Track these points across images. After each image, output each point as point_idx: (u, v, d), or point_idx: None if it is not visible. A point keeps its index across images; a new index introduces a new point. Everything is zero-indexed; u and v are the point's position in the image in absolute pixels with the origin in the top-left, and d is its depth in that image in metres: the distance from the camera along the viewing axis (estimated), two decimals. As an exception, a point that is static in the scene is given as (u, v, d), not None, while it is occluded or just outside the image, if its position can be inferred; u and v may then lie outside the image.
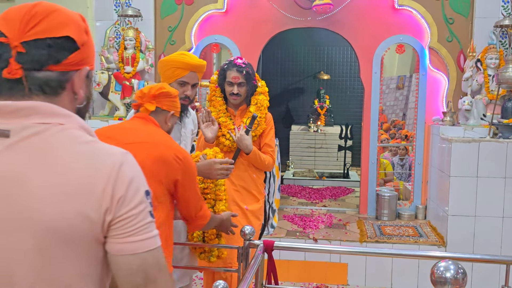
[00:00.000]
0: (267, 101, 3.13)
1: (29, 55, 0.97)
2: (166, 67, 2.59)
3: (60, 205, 0.94)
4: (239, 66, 2.99)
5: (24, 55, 0.96)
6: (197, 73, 2.62)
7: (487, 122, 4.45)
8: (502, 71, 4.25)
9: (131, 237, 0.99)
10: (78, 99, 1.06)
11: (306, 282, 4.41)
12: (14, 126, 0.96)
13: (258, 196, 3.12)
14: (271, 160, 3.08)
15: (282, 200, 6.09)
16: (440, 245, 4.31)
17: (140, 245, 1.00)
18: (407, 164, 5.50)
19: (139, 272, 1.00)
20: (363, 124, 5.28)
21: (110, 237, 0.99)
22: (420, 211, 5.05)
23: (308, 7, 4.98)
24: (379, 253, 3.18)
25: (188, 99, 2.61)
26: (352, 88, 9.84)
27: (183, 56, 2.59)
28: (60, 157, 0.96)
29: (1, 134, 0.95)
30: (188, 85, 2.59)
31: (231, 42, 5.15)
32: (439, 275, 1.44)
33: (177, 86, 2.57)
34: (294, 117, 10.06)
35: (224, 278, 2.92)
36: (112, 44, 5.04)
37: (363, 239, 4.43)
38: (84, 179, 0.96)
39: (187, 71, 2.56)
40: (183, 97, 2.57)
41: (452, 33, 4.89)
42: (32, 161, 0.95)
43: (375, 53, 5.06)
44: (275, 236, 4.52)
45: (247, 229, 2.29)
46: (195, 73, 2.61)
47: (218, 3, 5.07)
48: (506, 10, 4.69)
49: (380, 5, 5.03)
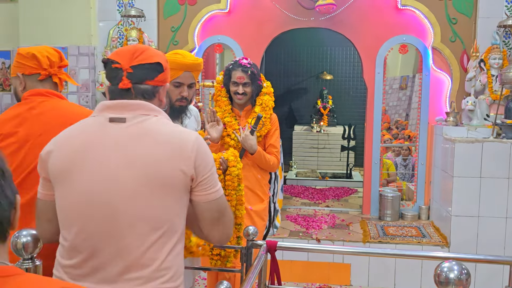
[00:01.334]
0: (272, 101, 3.13)
1: (135, 74, 1.52)
2: None
3: (164, 162, 1.44)
4: (244, 66, 3.00)
5: (132, 74, 1.52)
6: (192, 73, 2.52)
7: (490, 123, 4.44)
8: (506, 71, 4.25)
9: (210, 189, 1.53)
10: (162, 104, 1.60)
11: (309, 283, 4.40)
12: (128, 115, 1.49)
13: (263, 197, 3.12)
14: (276, 160, 3.09)
15: (285, 200, 6.09)
16: (443, 245, 4.31)
17: (216, 194, 1.55)
18: (410, 164, 5.50)
19: (216, 211, 1.56)
20: (366, 124, 5.28)
21: (197, 191, 1.52)
22: (423, 211, 5.04)
23: (311, 7, 4.98)
24: (382, 253, 3.17)
25: (185, 100, 2.54)
26: (355, 88, 9.83)
27: (176, 56, 2.48)
28: (160, 134, 1.48)
29: (120, 120, 1.48)
30: (183, 86, 2.51)
31: (234, 42, 5.15)
32: (443, 275, 1.43)
33: (174, 88, 2.50)
34: (297, 117, 10.06)
35: (227, 278, 2.93)
36: (115, 45, 5.05)
37: (366, 240, 4.42)
38: (177, 147, 1.47)
39: (181, 72, 2.47)
40: (179, 98, 2.52)
41: (456, 33, 4.88)
42: (142, 135, 1.47)
43: (378, 53, 5.06)
44: (278, 236, 4.52)
45: (250, 230, 2.29)
46: (190, 72, 2.51)
47: (221, 3, 5.07)
48: (509, 10, 4.68)
49: (383, 5, 5.03)
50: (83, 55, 5.03)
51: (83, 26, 5.04)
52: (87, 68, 5.04)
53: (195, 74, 2.56)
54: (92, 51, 5.06)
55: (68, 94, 5.05)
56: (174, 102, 2.54)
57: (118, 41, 5.05)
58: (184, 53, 2.53)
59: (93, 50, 5.06)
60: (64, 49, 5.04)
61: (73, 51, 5.04)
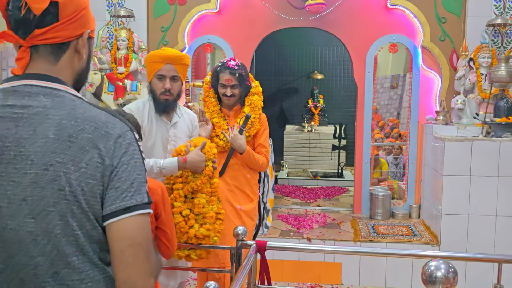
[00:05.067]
0: (261, 101, 3.13)
1: None
2: (147, 63, 2.65)
3: None
4: (231, 69, 2.99)
5: None
6: (174, 65, 2.59)
7: (480, 121, 4.47)
8: (495, 70, 4.27)
9: None
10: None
11: (300, 282, 4.40)
12: None
13: (252, 196, 3.12)
14: (265, 160, 3.09)
15: (276, 200, 6.09)
16: (433, 244, 4.32)
17: None
18: (401, 163, 5.51)
19: None
20: (356, 123, 5.29)
21: None
22: (414, 210, 5.06)
23: (301, 7, 4.98)
24: (373, 252, 3.18)
25: (169, 93, 2.59)
26: (346, 87, 9.84)
27: (159, 50, 2.63)
28: None
29: None
30: (165, 78, 2.58)
31: (224, 42, 5.14)
32: (430, 274, 1.44)
33: (157, 81, 2.60)
34: (288, 117, 10.06)
35: (217, 278, 2.92)
36: (105, 45, 5.02)
37: (357, 239, 4.43)
38: None
39: (162, 64, 2.57)
40: (163, 91, 2.58)
41: (445, 32, 4.90)
42: None
43: (368, 53, 5.07)
44: (269, 236, 4.52)
45: (240, 230, 2.28)
46: (172, 65, 2.59)
47: (211, 3, 5.06)
48: (498, 9, 4.71)
49: (373, 4, 5.04)
50: (72, 55, 5.00)
51: (72, 26, 5.00)
52: (77, 69, 5.01)
53: (178, 67, 2.61)
54: (82, 51, 5.02)
55: (58, 95, 5.02)
56: (159, 96, 2.60)
57: (108, 41, 5.03)
58: (168, 49, 2.68)
59: (82, 50, 5.02)
60: (53, 50, 5.01)
61: (62, 51, 5.00)
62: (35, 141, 1.09)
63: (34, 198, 1.08)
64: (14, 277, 1.12)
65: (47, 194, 1.08)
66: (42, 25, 1.13)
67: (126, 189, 1.12)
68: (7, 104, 1.13)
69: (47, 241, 1.09)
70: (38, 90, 1.14)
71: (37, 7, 1.11)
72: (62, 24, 1.15)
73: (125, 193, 1.12)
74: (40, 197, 1.08)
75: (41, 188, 1.08)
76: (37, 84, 1.14)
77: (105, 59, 4.97)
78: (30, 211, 1.08)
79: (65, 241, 1.10)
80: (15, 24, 1.14)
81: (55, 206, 1.08)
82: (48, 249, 1.09)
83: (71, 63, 1.21)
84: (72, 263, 1.11)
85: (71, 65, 1.21)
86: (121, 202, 1.11)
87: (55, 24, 1.14)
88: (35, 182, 1.08)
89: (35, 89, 1.14)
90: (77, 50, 1.21)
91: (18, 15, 1.13)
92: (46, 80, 1.15)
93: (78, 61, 1.23)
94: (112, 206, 1.11)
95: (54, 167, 1.08)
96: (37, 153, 1.09)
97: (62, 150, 1.09)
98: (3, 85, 1.17)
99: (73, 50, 1.20)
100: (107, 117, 1.15)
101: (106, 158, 1.11)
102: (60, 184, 1.08)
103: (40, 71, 1.16)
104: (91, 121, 1.12)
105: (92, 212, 1.11)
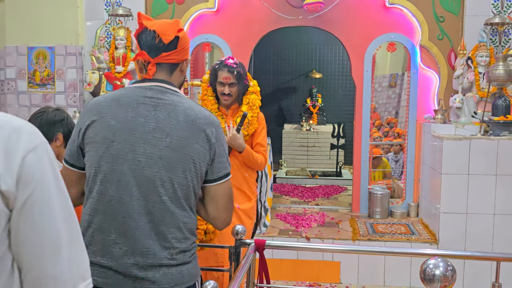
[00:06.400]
0: (259, 100, 3.13)
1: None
2: None
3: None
4: (230, 67, 2.99)
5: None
6: None
7: (478, 120, 4.47)
8: (493, 69, 4.27)
9: None
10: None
11: (299, 281, 4.41)
12: None
13: (250, 195, 3.12)
14: (263, 159, 3.09)
15: (275, 199, 6.09)
16: (432, 242, 4.33)
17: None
18: (401, 161, 5.52)
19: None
20: (355, 122, 5.29)
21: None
22: (412, 208, 5.06)
23: (299, 6, 4.98)
24: (371, 251, 3.17)
25: None
26: (344, 86, 9.85)
27: None
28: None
29: None
30: None
31: (222, 41, 5.14)
32: (428, 272, 1.44)
33: None
34: (287, 116, 10.06)
35: (216, 277, 2.92)
36: (103, 44, 5.02)
37: (355, 237, 4.43)
38: None
39: None
40: None
41: (443, 31, 4.91)
42: None
43: (366, 52, 5.07)
44: (268, 235, 4.52)
45: (239, 229, 2.28)
46: None
47: (209, 2, 5.06)
48: (496, 8, 4.71)
49: (371, 3, 5.04)
50: (71, 54, 5.00)
51: (70, 25, 5.00)
52: (75, 68, 5.01)
53: None
54: (80, 51, 5.02)
55: (56, 94, 5.02)
56: None
57: (106, 40, 5.02)
58: None
59: (80, 50, 5.03)
60: (51, 49, 5.01)
61: (60, 50, 5.01)
62: (170, 121, 1.63)
63: (167, 156, 1.61)
64: (147, 211, 1.63)
65: (177, 155, 1.61)
66: (167, 50, 1.68)
67: (224, 161, 1.73)
68: (147, 96, 1.67)
69: (171, 186, 1.62)
70: (166, 90, 1.70)
71: (167, 39, 1.66)
72: (178, 51, 1.70)
73: (225, 164, 1.74)
74: (172, 157, 1.61)
75: (173, 150, 1.61)
76: (165, 86, 1.70)
77: (103, 58, 4.96)
78: (163, 165, 1.61)
79: (180, 188, 1.63)
80: (148, 48, 1.69)
81: (181, 163, 1.62)
82: (170, 192, 1.62)
83: (178, 77, 1.77)
84: (181, 204, 1.66)
85: (177, 78, 1.78)
86: (224, 170, 1.73)
87: (175, 51, 1.69)
88: (169, 147, 1.61)
89: (164, 89, 1.69)
90: (181, 69, 1.77)
91: (151, 42, 1.67)
92: (169, 84, 1.72)
93: (181, 76, 1.79)
94: (219, 173, 1.72)
95: (184, 138, 1.62)
96: (171, 128, 1.62)
97: (188, 128, 1.64)
98: (139, 84, 1.71)
99: (180, 69, 1.77)
100: (207, 110, 1.75)
101: (212, 138, 1.68)
102: (185, 149, 1.62)
103: (163, 79, 1.72)
104: (201, 113, 1.69)
105: (200, 172, 1.67)
